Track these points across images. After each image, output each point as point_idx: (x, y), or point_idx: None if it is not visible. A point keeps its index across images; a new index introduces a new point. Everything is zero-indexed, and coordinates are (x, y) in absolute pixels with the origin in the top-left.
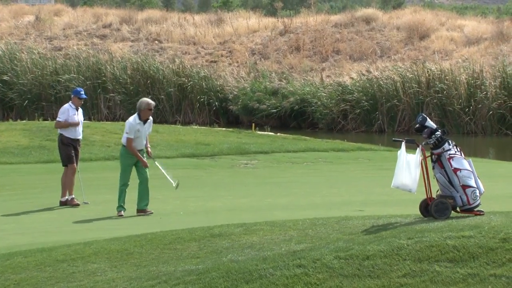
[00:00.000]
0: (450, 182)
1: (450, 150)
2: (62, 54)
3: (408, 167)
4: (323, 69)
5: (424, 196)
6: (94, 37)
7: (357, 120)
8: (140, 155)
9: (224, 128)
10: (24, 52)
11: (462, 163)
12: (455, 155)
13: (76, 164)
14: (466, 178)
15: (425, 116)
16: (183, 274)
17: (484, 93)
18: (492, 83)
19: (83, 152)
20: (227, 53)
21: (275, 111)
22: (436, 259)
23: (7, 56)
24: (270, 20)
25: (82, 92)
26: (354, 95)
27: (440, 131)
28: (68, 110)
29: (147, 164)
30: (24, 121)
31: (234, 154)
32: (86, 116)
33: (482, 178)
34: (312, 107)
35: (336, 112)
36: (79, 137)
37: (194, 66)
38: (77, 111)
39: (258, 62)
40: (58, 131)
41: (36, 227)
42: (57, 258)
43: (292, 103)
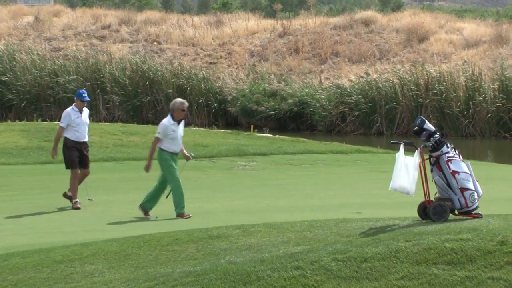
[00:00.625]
0: (449, 184)
1: (448, 152)
2: (61, 55)
3: (406, 169)
4: (322, 71)
5: (422, 199)
6: (93, 38)
7: (355, 122)
8: (150, 158)
9: (222, 130)
10: (23, 52)
11: (460, 165)
12: (454, 158)
13: (86, 168)
14: (464, 181)
15: (423, 118)
16: (181, 275)
17: (483, 96)
18: (491, 86)
19: None
20: (226, 54)
21: (273, 113)
22: (434, 262)
23: (6, 57)
24: (269, 22)
25: (85, 94)
26: (353, 97)
27: (438, 133)
28: (70, 114)
29: (148, 169)
30: (23, 121)
31: (232, 156)
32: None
33: (480, 181)
34: (311, 109)
35: (334, 114)
36: (84, 139)
37: (193, 68)
38: (80, 113)
39: (257, 64)
40: (64, 134)
41: (34, 228)
42: (55, 259)
43: (290, 105)
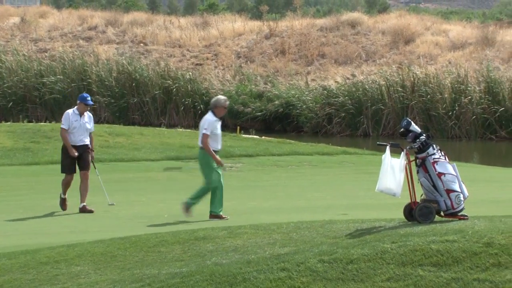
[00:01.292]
0: (434, 186)
1: (434, 154)
2: (47, 56)
3: (392, 171)
4: (308, 72)
5: (408, 200)
6: (79, 39)
7: (342, 124)
8: (214, 154)
9: None
10: (9, 53)
11: (446, 167)
12: (440, 160)
13: (84, 169)
14: (450, 183)
15: (409, 120)
16: (167, 277)
17: (469, 97)
18: (477, 88)
19: None
20: (212, 56)
21: (260, 114)
22: (420, 263)
23: None
24: (256, 24)
25: (89, 98)
26: (339, 99)
27: (424, 135)
28: (70, 116)
29: (222, 162)
30: (9, 123)
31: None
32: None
33: (466, 183)
34: (297, 110)
35: (321, 115)
36: (82, 143)
37: (180, 69)
38: (80, 117)
39: (244, 65)
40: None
41: (20, 229)
42: (40, 260)
43: (277, 107)
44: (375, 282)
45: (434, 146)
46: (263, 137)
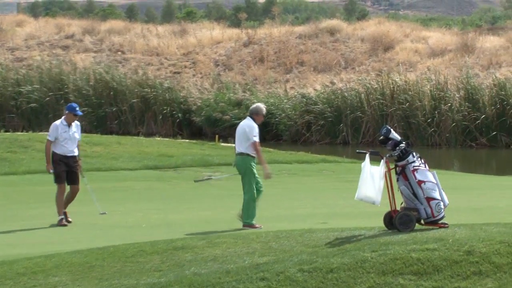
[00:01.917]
0: (415, 194)
1: (414, 162)
2: (24, 65)
3: (372, 179)
4: (287, 80)
5: (388, 209)
6: (56, 47)
7: (321, 132)
8: (265, 163)
9: (187, 140)
10: None
11: (426, 175)
12: (419, 167)
13: (75, 183)
14: (431, 190)
15: (389, 128)
16: (145, 287)
17: (448, 105)
18: (456, 95)
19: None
20: (190, 64)
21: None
22: (400, 272)
23: None
24: (234, 31)
25: (78, 108)
26: (318, 106)
27: (404, 143)
28: (58, 127)
29: (270, 175)
30: None
31: (197, 166)
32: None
33: (446, 190)
34: (276, 118)
35: (300, 123)
36: (72, 154)
37: (157, 77)
38: (69, 127)
39: (222, 73)
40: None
41: None
42: (18, 271)
43: None
44: None
45: (414, 153)
46: None
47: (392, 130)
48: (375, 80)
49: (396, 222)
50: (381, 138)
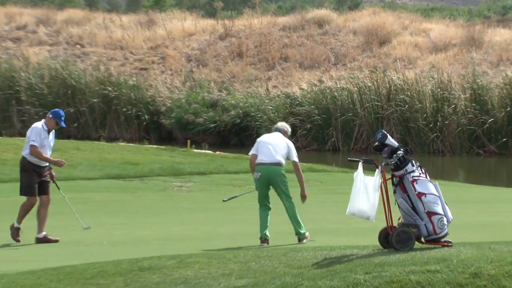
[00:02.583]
0: (414, 208)
1: (413, 171)
2: None
3: (365, 191)
4: (269, 78)
5: (384, 225)
6: (6, 40)
7: (307, 136)
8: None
9: (155, 146)
10: None
11: (427, 186)
12: (420, 178)
13: (47, 193)
14: (432, 204)
15: (385, 132)
16: None
17: (453, 106)
18: (462, 96)
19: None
20: (159, 59)
21: (213, 126)
22: None
23: None
24: (209, 22)
25: (63, 118)
26: (305, 108)
27: (402, 150)
28: (41, 132)
29: (306, 197)
30: None
31: (166, 175)
32: None
33: (450, 204)
34: (257, 121)
35: None
36: (46, 164)
37: (122, 74)
38: (48, 134)
39: (195, 70)
40: (22, 153)
41: None
42: None
43: (233, 117)
44: None
45: (414, 162)
46: (218, 152)
47: (388, 135)
48: (369, 78)
49: (393, 240)
50: (376, 144)
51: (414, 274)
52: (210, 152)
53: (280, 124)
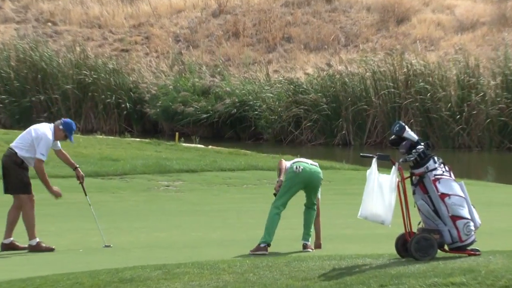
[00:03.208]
0: (436, 211)
1: (436, 169)
2: None
3: (380, 191)
4: (270, 61)
5: (402, 230)
6: None
7: (313, 129)
8: None
9: (138, 139)
10: None
11: (451, 186)
12: (443, 176)
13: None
14: (457, 207)
15: (403, 124)
16: None
17: (481, 95)
18: (491, 82)
19: None
20: (142, 39)
21: (205, 116)
22: None
23: None
24: None
25: (73, 132)
26: (310, 96)
27: (423, 144)
28: (50, 144)
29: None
30: None
31: (151, 173)
32: None
33: (478, 207)
34: (255, 111)
35: (286, 118)
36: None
37: (100, 56)
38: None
39: (184, 51)
40: (16, 150)
41: None
42: None
43: (228, 106)
44: None
45: (436, 158)
46: (210, 146)
47: (407, 127)
48: (385, 62)
49: (411, 248)
50: (392, 137)
51: (437, 287)
52: (202, 146)
53: None
